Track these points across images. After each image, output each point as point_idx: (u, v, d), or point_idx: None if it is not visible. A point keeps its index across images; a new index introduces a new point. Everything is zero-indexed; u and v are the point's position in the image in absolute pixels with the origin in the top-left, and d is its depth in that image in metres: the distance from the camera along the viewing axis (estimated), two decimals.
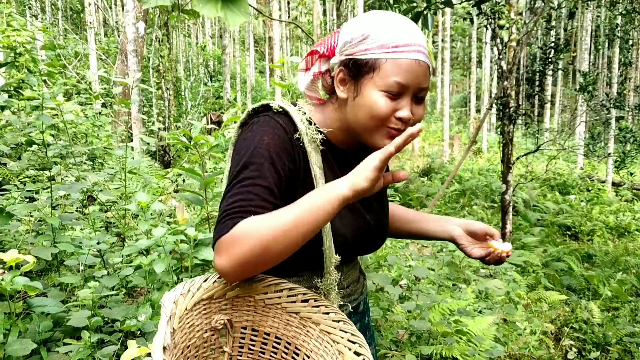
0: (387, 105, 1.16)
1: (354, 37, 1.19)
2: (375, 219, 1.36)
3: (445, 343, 3.11)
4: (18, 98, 4.97)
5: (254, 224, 1.04)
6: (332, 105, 1.30)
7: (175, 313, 1.07)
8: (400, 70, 1.15)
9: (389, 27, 1.17)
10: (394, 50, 1.14)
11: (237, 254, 1.03)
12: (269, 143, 1.15)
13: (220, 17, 2.07)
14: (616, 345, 4.75)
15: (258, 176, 1.12)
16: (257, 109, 1.26)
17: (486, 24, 7.84)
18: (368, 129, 1.20)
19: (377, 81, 1.16)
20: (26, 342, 1.61)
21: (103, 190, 2.71)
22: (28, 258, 1.75)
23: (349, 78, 1.21)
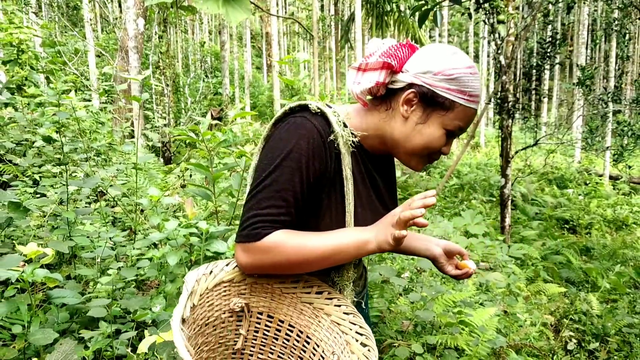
0: (442, 142, 1.29)
1: (441, 70, 1.24)
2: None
3: (450, 333, 3.17)
4: (21, 95, 5.01)
5: (285, 244, 1.17)
6: (377, 113, 1.35)
7: (197, 290, 1.15)
8: (465, 117, 1.28)
9: (473, 77, 1.26)
10: (469, 98, 1.25)
11: (262, 262, 1.19)
12: (303, 147, 1.20)
13: (222, 14, 2.11)
14: (615, 336, 4.81)
15: (289, 180, 1.19)
16: (294, 108, 1.29)
17: (484, 19, 7.88)
18: (413, 152, 1.31)
19: (446, 120, 1.27)
20: (48, 331, 1.66)
21: (113, 186, 2.75)
22: (47, 251, 1.80)
23: (419, 104, 1.28)
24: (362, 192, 1.36)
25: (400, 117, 1.30)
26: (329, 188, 1.27)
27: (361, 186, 1.36)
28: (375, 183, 1.42)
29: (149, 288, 2.86)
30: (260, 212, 1.18)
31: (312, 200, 1.26)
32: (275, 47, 17.12)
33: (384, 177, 1.47)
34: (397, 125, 1.31)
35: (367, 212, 1.35)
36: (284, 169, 1.19)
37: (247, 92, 20.93)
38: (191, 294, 1.13)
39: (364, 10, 15.84)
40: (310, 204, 1.26)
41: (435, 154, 1.33)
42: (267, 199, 1.19)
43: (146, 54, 13.15)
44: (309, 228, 1.26)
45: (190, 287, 1.13)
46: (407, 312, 3.32)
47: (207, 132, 2.63)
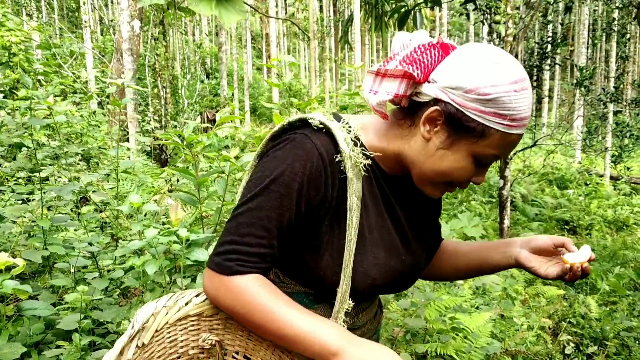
0: (471, 172, 1.07)
1: (475, 88, 0.99)
2: (412, 261, 1.22)
3: (441, 340, 3.11)
4: (13, 98, 4.96)
5: (253, 297, 1.01)
6: (398, 129, 1.13)
7: (150, 327, 1.02)
8: (504, 145, 1.03)
9: (518, 95, 0.99)
10: (510, 123, 1.00)
11: (222, 300, 1.04)
12: (298, 171, 1.02)
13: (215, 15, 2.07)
14: (614, 340, 4.75)
15: (275, 208, 1.02)
16: (293, 123, 1.10)
17: (482, 19, 7.82)
18: (431, 179, 1.10)
19: (476, 148, 1.03)
20: (16, 345, 1.60)
21: (96, 191, 2.70)
22: (18, 261, 1.74)
23: (444, 125, 1.04)
24: (376, 226, 1.14)
25: (421, 136, 1.07)
26: (330, 220, 1.08)
27: (375, 218, 1.14)
28: (395, 214, 1.18)
29: (133, 295, 2.81)
30: (238, 240, 1.02)
31: (308, 234, 1.08)
32: (274, 49, 17.09)
33: (407, 206, 1.22)
34: (416, 145, 1.09)
35: (381, 252, 1.13)
36: (271, 194, 1.02)
37: (246, 93, 20.90)
38: (138, 332, 0.99)
39: (362, 11, 15.80)
40: (305, 238, 1.09)
41: (460, 184, 1.11)
42: (247, 225, 1.02)
43: (144, 56, 13.13)
44: (305, 266, 1.10)
45: (138, 325, 0.99)
46: (399, 319, 3.26)
47: (191, 136, 2.58)
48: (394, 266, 1.16)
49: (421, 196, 1.23)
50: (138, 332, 1.00)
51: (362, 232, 1.10)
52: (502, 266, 1.30)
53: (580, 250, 1.18)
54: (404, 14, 1.72)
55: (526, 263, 1.24)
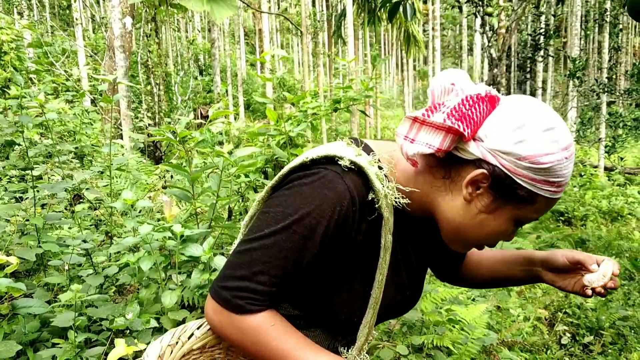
0: (506, 232, 1.02)
1: (530, 156, 0.92)
2: (413, 293, 1.21)
3: (438, 332, 3.12)
4: (4, 97, 4.93)
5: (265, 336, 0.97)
6: (429, 177, 1.04)
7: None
8: (546, 208, 0.99)
9: (568, 162, 0.94)
10: (557, 189, 0.95)
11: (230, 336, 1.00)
12: (326, 215, 0.95)
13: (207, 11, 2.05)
14: (609, 329, 4.77)
15: (296, 250, 0.96)
16: (317, 160, 1.01)
17: (474, 11, 7.82)
18: (464, 240, 1.05)
19: (521, 213, 0.98)
20: (11, 344, 1.60)
21: (90, 189, 2.69)
22: (11, 259, 1.74)
23: (489, 189, 0.97)
24: (391, 264, 1.09)
25: (460, 197, 1.00)
26: (353, 262, 1.04)
27: (391, 258, 1.09)
28: (407, 252, 1.15)
29: (128, 292, 2.80)
30: (251, 277, 0.96)
31: (325, 274, 1.04)
32: (267, 44, 17.05)
33: (418, 243, 1.19)
34: (454, 204, 1.01)
35: (389, 288, 1.10)
36: (293, 235, 0.94)
37: (240, 89, 20.87)
38: None
39: (355, 5, 15.79)
40: (322, 277, 1.04)
41: (493, 244, 1.06)
42: (262, 263, 0.95)
43: (137, 53, 13.07)
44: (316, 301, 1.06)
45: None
46: None
47: (184, 132, 2.57)
48: (397, 301, 1.16)
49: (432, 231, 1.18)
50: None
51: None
52: (527, 282, 1.29)
53: (601, 268, 1.13)
54: (394, 5, 1.71)
55: (552, 284, 1.21)
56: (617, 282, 1.12)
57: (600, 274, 1.11)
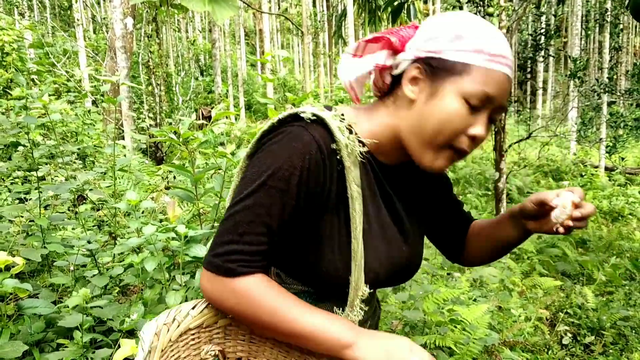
0: (464, 118, 1.01)
1: (443, 34, 1.02)
2: (411, 252, 1.20)
3: (439, 332, 3.13)
4: (6, 98, 4.95)
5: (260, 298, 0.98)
6: (384, 109, 1.12)
7: (157, 346, 0.99)
8: (492, 82, 1.00)
9: (486, 32, 1.01)
10: (490, 58, 1.00)
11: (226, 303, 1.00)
12: (296, 165, 0.98)
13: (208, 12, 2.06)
14: (610, 330, 4.78)
15: (275, 204, 0.98)
16: (284, 119, 1.06)
17: (475, 11, 7.82)
18: (430, 144, 1.04)
19: (462, 86, 1.00)
20: (17, 344, 1.61)
21: (93, 189, 2.70)
22: (17, 260, 1.75)
23: (425, 78, 1.04)
24: (374, 218, 1.11)
25: (408, 101, 1.06)
26: (331, 214, 1.05)
27: (372, 209, 1.11)
28: (392, 205, 1.16)
29: (132, 293, 2.82)
30: (238, 239, 0.98)
31: (309, 229, 1.05)
32: (268, 44, 17.06)
33: (404, 197, 1.20)
34: (407, 114, 1.06)
35: (381, 244, 1.11)
36: (269, 190, 0.97)
37: (241, 89, 20.87)
38: (149, 353, 0.97)
39: (356, 5, 15.79)
40: (306, 233, 1.05)
41: (461, 141, 1.04)
42: (246, 223, 0.98)
43: (137, 53, 13.09)
44: (307, 262, 1.07)
45: (147, 345, 0.97)
46: (397, 312, 3.27)
47: (187, 133, 2.58)
48: (395, 259, 1.14)
49: (419, 185, 1.24)
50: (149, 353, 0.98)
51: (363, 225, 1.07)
52: (521, 237, 1.26)
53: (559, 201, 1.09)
54: (397, 6, 1.72)
55: (538, 230, 1.19)
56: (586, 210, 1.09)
57: (561, 207, 1.08)
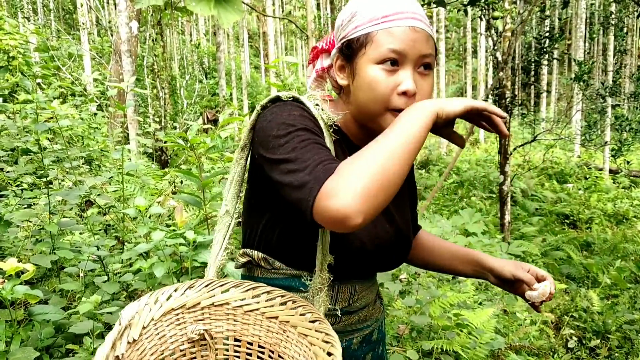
0: (385, 80, 1.05)
1: (343, 19, 1.12)
2: (396, 231, 1.23)
3: (446, 337, 3.13)
4: (13, 102, 4.97)
5: (359, 157, 0.90)
6: (341, 102, 1.21)
7: (137, 323, 1.01)
8: (394, 39, 1.04)
9: (377, 0, 1.08)
10: (384, 20, 1.05)
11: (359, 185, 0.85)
12: (297, 115, 1.05)
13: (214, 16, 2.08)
14: (616, 333, 4.77)
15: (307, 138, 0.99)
16: (265, 105, 1.13)
17: (480, 15, 7.83)
18: (373, 114, 1.09)
19: (370, 54, 1.06)
20: (28, 350, 1.62)
21: (101, 194, 2.71)
22: (27, 266, 1.75)
23: (345, 62, 1.13)
24: None
25: (346, 88, 1.15)
26: None
27: None
28: None
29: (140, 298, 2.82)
30: (308, 163, 0.93)
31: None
32: (272, 47, 17.09)
33: None
34: (349, 98, 1.15)
35: None
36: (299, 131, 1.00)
37: (244, 92, 20.89)
38: (126, 328, 0.99)
39: None
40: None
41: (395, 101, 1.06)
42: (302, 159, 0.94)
43: (142, 56, 13.12)
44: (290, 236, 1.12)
45: (125, 321, 0.99)
46: (404, 317, 3.28)
47: (195, 138, 2.59)
48: (379, 234, 1.17)
49: None
50: (126, 328, 0.99)
51: None
52: (473, 278, 1.41)
53: (541, 288, 1.27)
54: None
55: (497, 286, 1.36)
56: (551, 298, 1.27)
57: (540, 294, 1.26)
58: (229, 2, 2.07)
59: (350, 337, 1.22)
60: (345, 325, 1.21)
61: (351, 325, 1.22)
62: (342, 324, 1.20)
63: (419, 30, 1.06)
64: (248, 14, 28.10)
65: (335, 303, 1.18)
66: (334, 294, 1.17)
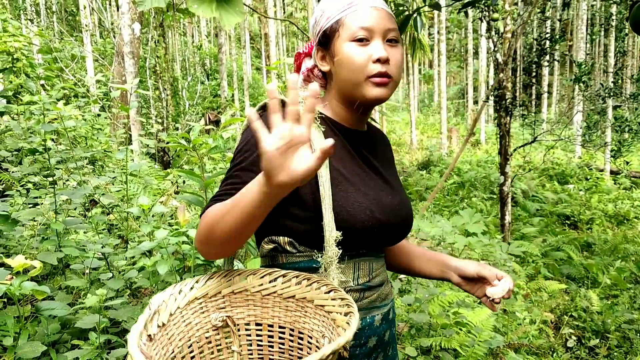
0: (360, 52, 1.22)
1: (316, 17, 1.31)
2: (400, 200, 1.34)
3: (445, 335, 3.17)
4: (17, 103, 5.02)
5: (211, 210, 1.10)
6: (328, 92, 1.35)
7: (165, 309, 1.10)
8: (361, 18, 1.23)
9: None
10: (349, 6, 1.24)
11: (197, 233, 1.13)
12: (252, 143, 1.16)
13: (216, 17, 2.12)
14: (615, 333, 4.81)
15: (250, 163, 1.16)
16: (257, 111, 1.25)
17: (480, 16, 7.86)
18: (355, 85, 1.24)
19: (343, 35, 1.23)
20: (36, 344, 1.66)
21: (105, 194, 2.76)
22: (35, 263, 1.80)
23: (324, 51, 1.29)
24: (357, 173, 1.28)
25: (329, 74, 1.31)
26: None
27: (354, 167, 1.28)
28: (371, 164, 1.34)
29: (143, 295, 2.87)
30: (218, 192, 1.16)
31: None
32: (273, 49, 17.13)
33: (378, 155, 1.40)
34: (334, 82, 1.30)
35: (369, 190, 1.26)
36: (244, 153, 1.17)
37: (246, 93, 20.94)
38: (155, 313, 1.08)
39: None
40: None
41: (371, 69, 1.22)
42: (223, 182, 1.18)
43: (144, 58, 13.17)
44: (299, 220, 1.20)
45: (154, 306, 1.08)
46: (403, 315, 3.31)
47: (197, 139, 2.63)
48: (386, 202, 1.28)
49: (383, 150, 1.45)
50: (155, 313, 1.07)
51: (344, 175, 1.23)
52: (439, 279, 1.50)
53: (501, 284, 1.36)
54: (404, 18, 1.77)
55: (459, 286, 1.45)
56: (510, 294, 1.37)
57: (500, 289, 1.35)
58: (231, 4, 2.10)
59: (372, 315, 1.29)
60: (368, 303, 1.29)
61: (373, 303, 1.30)
62: (366, 301, 1.28)
63: (379, 9, 1.25)
64: (249, 15, 28.15)
65: (358, 278, 1.27)
66: (355, 270, 1.26)
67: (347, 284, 1.25)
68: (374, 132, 1.46)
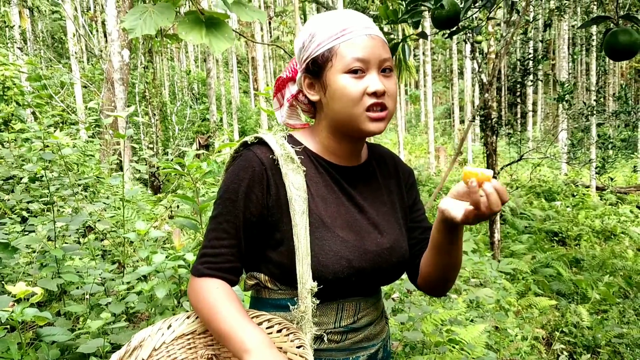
0: (355, 85, 1.16)
1: (304, 40, 1.23)
2: (389, 243, 1.26)
3: (438, 352, 3.21)
4: (8, 131, 5.04)
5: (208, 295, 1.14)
6: (317, 122, 1.30)
7: (147, 345, 1.13)
8: (355, 48, 1.16)
9: (332, 19, 1.21)
10: (342, 34, 1.17)
11: (191, 301, 1.20)
12: (243, 178, 1.18)
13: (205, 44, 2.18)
14: (606, 347, 4.86)
15: (229, 212, 1.18)
16: (237, 149, 1.27)
17: (464, 38, 8.03)
18: (350, 118, 1.18)
19: (337, 66, 1.17)
20: None
21: (100, 220, 2.79)
22: (36, 290, 1.83)
23: (314, 79, 1.23)
24: (339, 214, 1.22)
25: (319, 104, 1.26)
26: (287, 216, 1.18)
27: (336, 207, 1.23)
28: (356, 203, 1.26)
29: (139, 320, 2.89)
30: (207, 244, 1.19)
31: (266, 232, 1.21)
32: (261, 72, 17.28)
33: (368, 196, 1.30)
34: (324, 113, 1.25)
35: (350, 234, 1.20)
36: (225, 201, 1.19)
37: (234, 117, 21.04)
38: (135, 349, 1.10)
39: None
40: (264, 236, 1.21)
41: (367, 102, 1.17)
42: (211, 230, 1.19)
43: (133, 83, 13.23)
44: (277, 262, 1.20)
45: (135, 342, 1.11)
46: (397, 333, 3.35)
47: (192, 164, 2.68)
48: (368, 248, 1.21)
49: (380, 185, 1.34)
50: (135, 349, 1.11)
51: (322, 219, 1.19)
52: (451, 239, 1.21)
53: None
54: (393, 46, 1.84)
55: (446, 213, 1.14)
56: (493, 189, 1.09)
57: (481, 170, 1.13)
58: (220, 30, 2.16)
59: (356, 356, 1.26)
60: (351, 344, 1.25)
61: (357, 344, 1.26)
62: (348, 342, 1.24)
63: (375, 37, 1.20)
64: (237, 39, 28.37)
65: (340, 320, 1.23)
66: (338, 312, 1.22)
67: (327, 326, 1.22)
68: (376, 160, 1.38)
